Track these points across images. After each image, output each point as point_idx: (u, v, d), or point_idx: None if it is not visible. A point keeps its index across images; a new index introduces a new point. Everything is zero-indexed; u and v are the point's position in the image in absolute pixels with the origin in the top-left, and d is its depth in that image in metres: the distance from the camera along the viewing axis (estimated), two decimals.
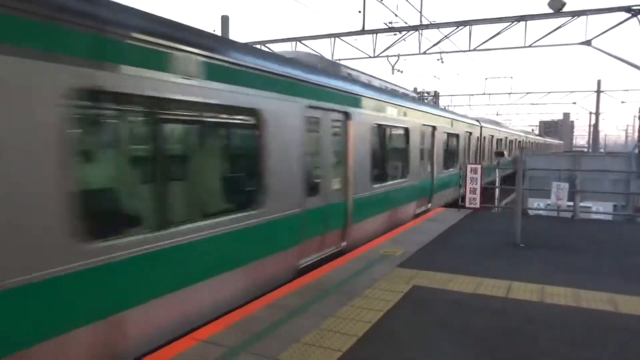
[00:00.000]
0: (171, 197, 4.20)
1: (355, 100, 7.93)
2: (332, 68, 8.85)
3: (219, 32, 16.54)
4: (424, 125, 11.65)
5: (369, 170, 8.37)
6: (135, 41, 3.76)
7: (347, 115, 7.56)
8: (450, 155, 14.45)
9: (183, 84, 4.20)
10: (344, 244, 7.54)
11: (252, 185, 5.36)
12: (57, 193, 3.19)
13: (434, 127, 12.50)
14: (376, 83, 10.39)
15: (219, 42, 4.95)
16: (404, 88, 12.93)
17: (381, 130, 9.24)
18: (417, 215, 11.16)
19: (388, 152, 9.88)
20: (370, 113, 8.54)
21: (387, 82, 11.34)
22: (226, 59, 4.75)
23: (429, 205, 12.36)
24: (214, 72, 4.57)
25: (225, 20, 17.12)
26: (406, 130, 10.38)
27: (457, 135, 15.20)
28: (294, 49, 19.55)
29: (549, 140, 66.11)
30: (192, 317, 4.38)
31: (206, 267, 4.57)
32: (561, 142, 78.77)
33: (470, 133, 17.49)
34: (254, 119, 5.31)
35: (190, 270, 4.37)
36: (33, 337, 3.08)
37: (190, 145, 4.79)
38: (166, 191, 4.13)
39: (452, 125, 14.55)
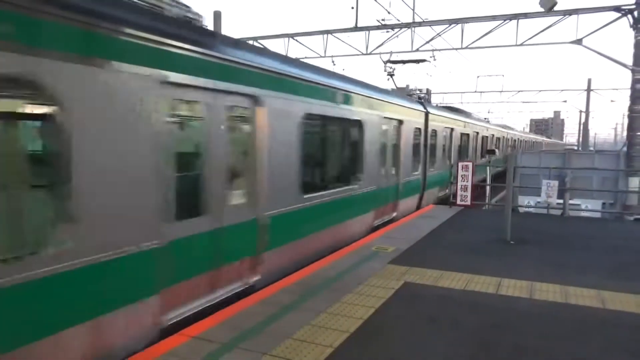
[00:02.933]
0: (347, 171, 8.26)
1: (269, 80, 5.71)
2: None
3: (210, 28, 16.43)
4: (386, 118, 9.62)
5: (296, 175, 6.33)
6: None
7: (255, 100, 5.45)
8: (426, 154, 12.61)
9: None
10: (255, 278, 5.52)
11: None
12: None
13: (400, 121, 10.51)
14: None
15: None
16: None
17: (318, 122, 7.27)
18: (377, 227, 9.25)
19: (331, 151, 8.12)
20: (298, 98, 6.36)
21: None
22: None
23: (394, 214, 10.44)
24: None
25: (217, 15, 17.03)
26: (359, 123, 8.37)
27: (434, 131, 13.34)
28: (286, 46, 19.52)
29: (539, 138, 65.49)
30: (354, 235, 8.37)
31: (358, 209, 8.49)
32: (560, 141, 78.49)
33: (452, 129, 15.61)
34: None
35: (353, 209, 8.29)
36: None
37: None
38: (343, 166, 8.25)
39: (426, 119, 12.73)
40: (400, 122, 10.60)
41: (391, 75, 16.75)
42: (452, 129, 15.73)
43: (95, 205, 3.53)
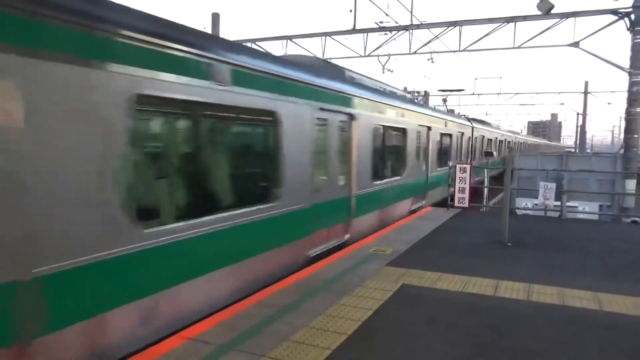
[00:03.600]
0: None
1: (359, 104, 8.50)
2: None
3: (209, 30, 16.45)
4: (324, 110, 7.14)
5: (369, 168, 8.92)
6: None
7: (352, 117, 8.22)
8: (378, 160, 9.46)
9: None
10: (347, 236, 8.11)
11: None
12: None
13: (351, 116, 8.07)
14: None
15: None
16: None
17: (388, 132, 10.06)
18: (312, 261, 6.93)
19: (392, 152, 10.43)
20: (373, 115, 9.09)
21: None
22: None
23: (347, 236, 8.05)
24: None
25: (215, 17, 17.04)
26: (276, 119, 6.03)
27: (403, 130, 10.91)
28: (284, 48, 19.54)
29: (541, 141, 65.44)
30: (403, 214, 10.66)
31: (396, 197, 10.37)
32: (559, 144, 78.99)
33: (429, 128, 12.83)
34: None
35: (393, 196, 10.17)
36: None
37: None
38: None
39: (385, 113, 9.71)
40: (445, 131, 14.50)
41: (444, 100, 27.95)
42: (483, 137, 23.93)
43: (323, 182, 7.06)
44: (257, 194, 5.70)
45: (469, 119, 22.03)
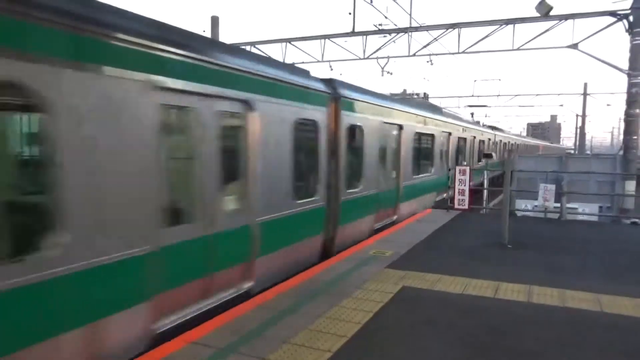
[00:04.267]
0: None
1: (407, 117, 11.40)
2: None
3: (208, 33, 16.48)
4: (386, 123, 9.52)
5: (411, 165, 11.69)
6: None
7: (400, 127, 11.12)
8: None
9: None
10: (395, 217, 10.63)
11: None
12: None
13: (400, 126, 10.37)
14: None
15: None
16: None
17: (423, 137, 13.38)
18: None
19: (424, 153, 13.19)
20: (413, 124, 12.02)
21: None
22: None
23: (395, 217, 10.32)
24: None
25: (215, 21, 17.08)
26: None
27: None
28: (283, 51, 19.56)
29: (542, 143, 66.49)
30: (428, 204, 12.89)
31: (427, 189, 12.77)
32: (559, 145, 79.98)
33: (401, 127, 10.77)
34: None
35: (425, 188, 12.66)
36: None
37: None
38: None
39: (422, 124, 12.21)
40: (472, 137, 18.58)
41: (472, 114, 39.42)
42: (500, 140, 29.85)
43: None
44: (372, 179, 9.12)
45: (492, 127, 32.45)
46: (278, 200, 6.07)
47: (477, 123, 29.73)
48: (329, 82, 7.65)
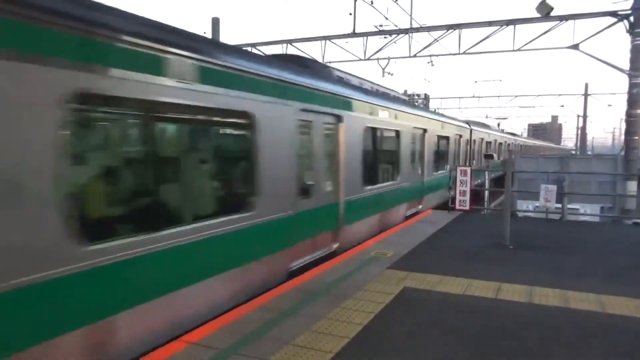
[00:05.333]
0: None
1: (429, 122, 13.61)
2: None
3: (209, 34, 16.50)
4: (416, 128, 12.49)
5: (433, 162, 13.89)
6: None
7: (425, 131, 12.98)
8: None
9: None
10: (420, 207, 12.53)
11: None
12: None
13: (424, 130, 12.91)
14: None
15: None
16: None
17: (441, 139, 15.89)
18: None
19: (442, 153, 15.65)
20: (436, 129, 14.55)
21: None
22: None
23: (420, 206, 12.73)
24: None
25: (215, 22, 17.09)
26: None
27: (447, 138, 15.92)
28: (284, 52, 19.58)
29: (543, 144, 66.88)
30: (444, 198, 13.97)
31: (444, 184, 14.19)
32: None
33: (425, 131, 12.84)
34: None
35: (443, 184, 14.21)
36: None
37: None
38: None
39: (442, 128, 15.24)
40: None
41: (499, 124, 45.14)
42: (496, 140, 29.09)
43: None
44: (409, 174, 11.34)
45: (510, 133, 38.45)
46: (354, 186, 8.30)
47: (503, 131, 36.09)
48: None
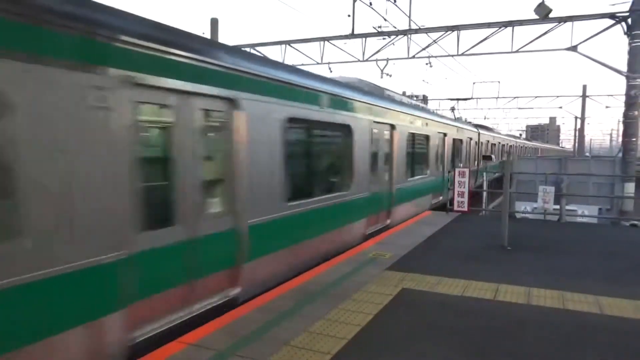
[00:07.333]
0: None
1: (433, 124, 13.85)
2: None
3: (208, 35, 16.49)
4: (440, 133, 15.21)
5: (442, 164, 14.76)
6: None
7: (444, 133, 15.58)
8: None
9: None
10: (434, 202, 14.09)
11: None
12: None
13: (444, 134, 15.35)
14: None
15: None
16: None
17: (458, 141, 17.92)
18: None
19: (456, 154, 16.90)
20: (443, 129, 15.68)
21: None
22: None
23: (441, 197, 15.02)
24: None
25: (214, 22, 17.09)
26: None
27: (485, 142, 21.84)
28: (283, 53, 19.60)
29: (543, 145, 67.93)
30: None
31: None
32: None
33: (445, 135, 15.27)
34: None
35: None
36: None
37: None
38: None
39: (458, 131, 18.12)
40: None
41: (521, 134, 54.88)
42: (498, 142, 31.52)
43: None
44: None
45: (512, 135, 41.45)
46: (401, 177, 10.53)
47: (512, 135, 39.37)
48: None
